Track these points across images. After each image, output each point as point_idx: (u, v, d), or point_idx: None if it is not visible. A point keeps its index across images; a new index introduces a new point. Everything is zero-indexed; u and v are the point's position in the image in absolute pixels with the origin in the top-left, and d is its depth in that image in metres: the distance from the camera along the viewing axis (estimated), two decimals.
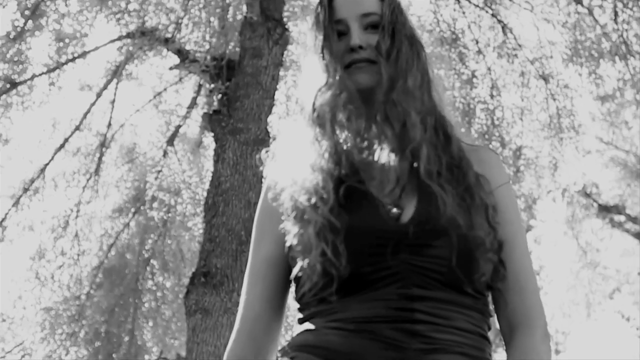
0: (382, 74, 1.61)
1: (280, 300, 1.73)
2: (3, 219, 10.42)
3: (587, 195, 13.11)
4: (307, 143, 1.62)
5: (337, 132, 1.61)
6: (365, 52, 1.64)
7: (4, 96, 9.59)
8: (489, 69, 10.13)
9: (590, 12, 9.22)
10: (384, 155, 1.62)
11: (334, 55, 1.64)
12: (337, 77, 1.61)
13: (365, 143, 1.63)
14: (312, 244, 1.52)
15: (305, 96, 1.67)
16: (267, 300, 1.71)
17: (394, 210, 1.54)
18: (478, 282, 1.53)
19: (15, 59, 9.43)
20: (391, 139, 1.60)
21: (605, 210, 13.71)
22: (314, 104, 1.63)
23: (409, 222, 1.52)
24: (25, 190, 10.51)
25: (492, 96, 10.12)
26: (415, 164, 1.59)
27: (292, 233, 1.57)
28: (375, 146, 1.63)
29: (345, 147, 1.61)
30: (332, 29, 1.68)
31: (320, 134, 1.61)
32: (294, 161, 1.63)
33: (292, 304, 1.75)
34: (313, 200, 1.55)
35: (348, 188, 1.56)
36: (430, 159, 1.58)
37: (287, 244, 1.60)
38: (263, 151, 1.75)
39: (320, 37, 1.68)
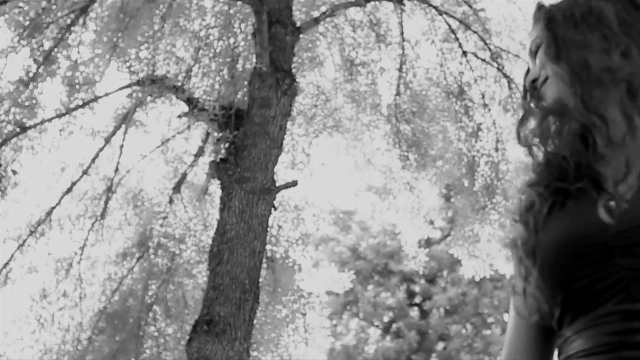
0: None
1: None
2: (8, 261, 10.45)
3: None
4: None
5: None
6: None
7: (14, 139, 9.69)
8: (494, 122, 10.22)
9: None
10: None
11: None
12: None
13: None
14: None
15: None
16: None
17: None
18: None
19: (27, 103, 9.56)
20: None
21: None
22: None
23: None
24: (31, 232, 10.56)
25: (496, 149, 10.20)
26: None
27: None
28: None
29: None
30: None
31: None
32: None
33: None
34: None
35: None
36: None
37: None
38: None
39: None
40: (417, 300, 24.13)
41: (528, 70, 1.56)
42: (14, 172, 4.81)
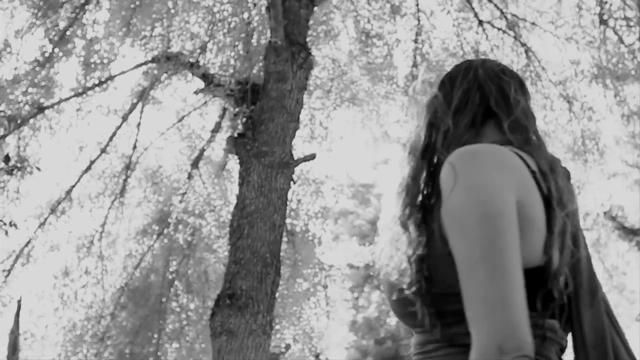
0: None
1: None
2: (30, 240, 10.55)
3: (613, 219, 13.02)
4: None
5: None
6: None
7: (32, 120, 9.74)
8: None
9: (616, 32, 9.22)
10: None
11: None
12: None
13: None
14: None
15: None
16: None
17: None
18: None
19: (43, 83, 9.58)
20: None
21: (631, 233, 13.59)
22: None
23: None
24: (52, 211, 10.64)
25: None
26: None
27: None
28: None
29: None
30: None
31: None
32: None
33: None
34: None
35: None
36: None
37: None
38: None
39: None
40: None
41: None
42: (39, 169, 4.85)
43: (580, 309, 1.52)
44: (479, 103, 1.68)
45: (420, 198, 1.56)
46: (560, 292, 1.47)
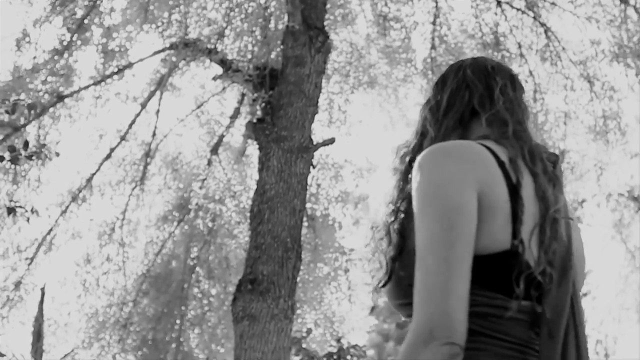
0: None
1: None
2: (52, 228, 10.62)
3: (635, 199, 12.91)
4: None
5: None
6: None
7: (52, 109, 9.78)
8: (531, 72, 10.05)
9: (637, 10, 9.11)
10: None
11: None
12: None
13: None
14: None
15: None
16: None
17: None
18: None
19: (62, 72, 9.62)
20: None
21: None
22: None
23: None
24: (73, 199, 10.71)
25: (535, 100, 10.04)
26: None
27: None
28: None
29: None
30: None
31: None
32: None
33: None
34: None
35: None
36: None
37: None
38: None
39: None
40: None
41: None
42: (57, 154, 4.88)
43: (559, 288, 1.59)
44: (467, 102, 1.78)
45: (399, 202, 1.71)
46: (531, 275, 1.54)
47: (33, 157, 4.64)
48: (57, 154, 4.90)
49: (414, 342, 1.44)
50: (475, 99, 1.77)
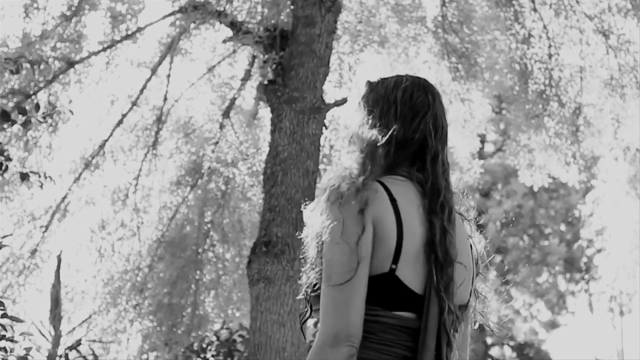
0: None
1: None
2: (66, 195, 10.64)
3: None
4: None
5: None
6: None
7: (62, 75, 9.73)
8: (545, 27, 9.91)
9: None
10: None
11: None
12: None
13: None
14: None
15: None
16: None
17: None
18: None
19: (72, 38, 9.55)
20: None
21: None
22: None
23: None
24: (86, 165, 10.71)
25: (549, 55, 9.91)
26: None
27: None
28: None
29: None
30: None
31: None
32: None
33: None
34: None
35: None
36: None
37: None
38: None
39: None
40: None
41: None
42: (72, 112, 4.84)
43: (428, 302, 1.93)
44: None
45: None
46: (408, 292, 1.90)
47: (46, 119, 4.60)
48: (72, 112, 4.86)
49: (321, 345, 1.84)
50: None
